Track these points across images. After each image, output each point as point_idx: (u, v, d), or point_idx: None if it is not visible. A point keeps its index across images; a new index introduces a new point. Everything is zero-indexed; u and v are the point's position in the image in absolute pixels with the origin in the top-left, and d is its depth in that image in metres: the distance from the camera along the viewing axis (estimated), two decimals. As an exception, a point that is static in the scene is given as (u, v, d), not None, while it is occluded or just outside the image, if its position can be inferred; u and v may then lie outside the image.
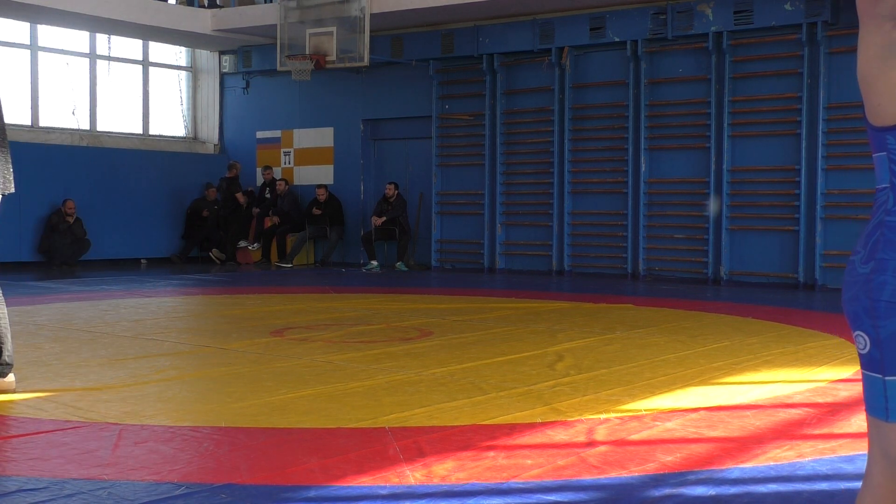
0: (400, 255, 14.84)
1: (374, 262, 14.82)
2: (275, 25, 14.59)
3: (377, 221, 14.73)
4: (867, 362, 1.97)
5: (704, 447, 3.99)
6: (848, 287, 2.02)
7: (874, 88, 1.92)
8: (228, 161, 16.77)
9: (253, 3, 15.60)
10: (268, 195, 16.13)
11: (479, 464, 3.66)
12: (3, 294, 5.05)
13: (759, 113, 12.30)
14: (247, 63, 16.58)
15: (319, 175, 16.21)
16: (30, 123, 15.12)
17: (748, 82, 12.40)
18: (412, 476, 3.48)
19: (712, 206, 12.39)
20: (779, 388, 5.33)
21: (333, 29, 13.91)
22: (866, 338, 1.96)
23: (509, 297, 10.91)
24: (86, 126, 15.86)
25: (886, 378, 1.92)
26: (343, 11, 13.91)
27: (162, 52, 17.01)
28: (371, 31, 13.82)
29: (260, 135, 16.94)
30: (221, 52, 17.06)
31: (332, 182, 16.01)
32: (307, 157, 16.46)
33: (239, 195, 16.11)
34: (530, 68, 14.05)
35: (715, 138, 12.44)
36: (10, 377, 5.06)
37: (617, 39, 13.04)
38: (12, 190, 4.98)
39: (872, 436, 1.99)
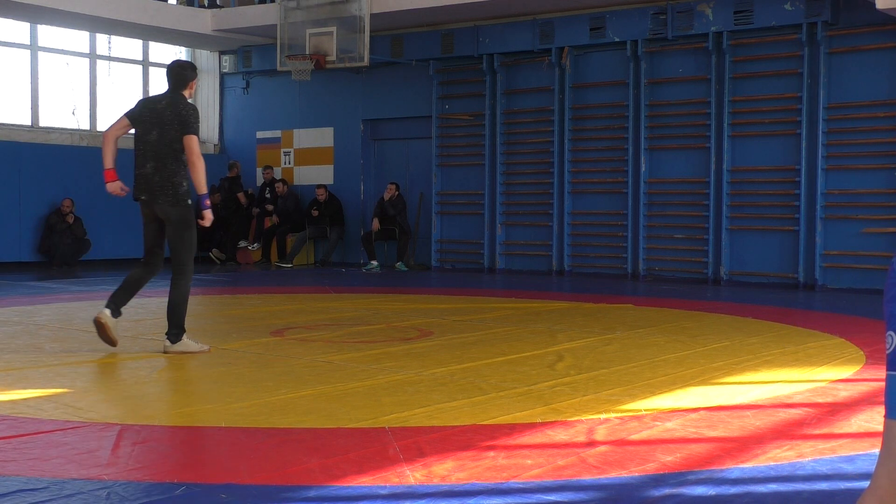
0: (400, 255, 14.84)
1: (374, 262, 14.81)
2: (275, 25, 14.59)
3: (376, 225, 14.70)
4: (891, 362, 1.95)
5: (704, 447, 3.99)
6: (888, 288, 2.02)
7: None
8: (228, 161, 16.77)
9: (253, 4, 15.59)
10: (268, 195, 16.13)
11: (479, 464, 3.66)
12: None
13: (759, 113, 12.30)
14: (247, 63, 16.58)
15: (319, 175, 16.21)
16: (30, 123, 15.12)
17: (748, 82, 12.40)
18: (412, 476, 3.48)
19: None
20: (779, 388, 5.33)
21: (333, 29, 13.91)
22: (894, 336, 1.95)
23: (509, 297, 10.90)
24: (86, 126, 15.86)
25: None
26: (343, 11, 13.91)
27: (162, 52, 17.01)
28: (371, 31, 13.82)
29: (260, 135, 16.94)
30: (221, 52, 17.06)
31: (332, 182, 16.01)
32: (307, 157, 16.46)
33: (240, 195, 16.11)
34: (530, 68, 14.05)
35: (715, 138, 12.44)
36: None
37: (617, 39, 13.04)
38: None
39: (885, 437, 1.96)
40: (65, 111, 15.72)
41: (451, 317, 8.56)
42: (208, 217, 6.47)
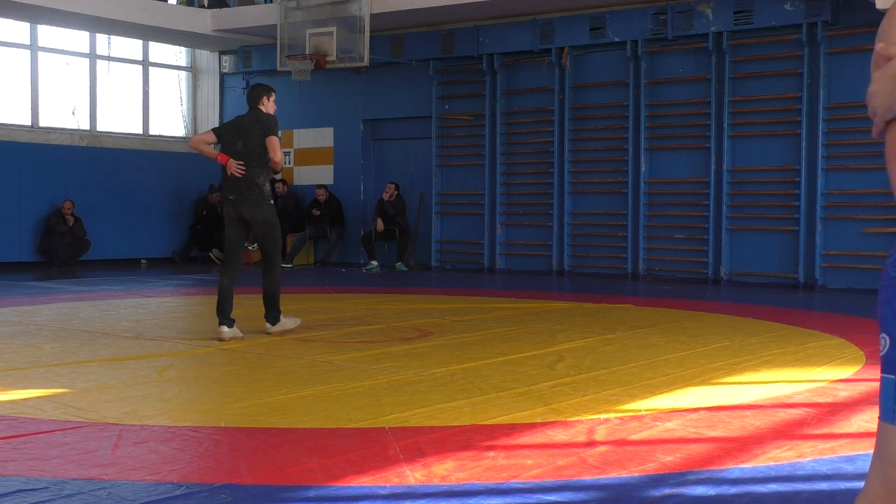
0: (400, 255, 14.84)
1: (374, 262, 14.81)
2: (275, 25, 14.59)
3: (381, 226, 14.69)
4: (885, 364, 1.94)
5: (704, 447, 3.98)
6: (882, 290, 2.01)
7: None
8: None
9: (253, 4, 15.59)
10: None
11: (479, 464, 3.66)
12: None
13: (759, 113, 12.29)
14: (247, 63, 16.57)
15: (319, 175, 16.21)
16: (30, 123, 15.12)
17: (748, 82, 12.39)
18: (412, 476, 3.48)
19: None
20: (779, 388, 5.33)
21: (333, 29, 13.91)
22: (888, 339, 1.93)
23: (509, 297, 10.90)
24: (86, 126, 15.85)
25: None
26: (343, 11, 13.91)
27: (162, 52, 17.00)
28: (371, 31, 13.82)
29: (260, 135, 16.91)
30: (221, 53, 17.05)
31: (332, 182, 16.01)
32: (307, 157, 16.46)
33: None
34: (530, 68, 14.05)
35: (715, 138, 12.44)
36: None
37: (617, 39, 13.04)
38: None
39: (878, 439, 1.95)
40: (65, 111, 15.72)
41: (451, 317, 8.57)
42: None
